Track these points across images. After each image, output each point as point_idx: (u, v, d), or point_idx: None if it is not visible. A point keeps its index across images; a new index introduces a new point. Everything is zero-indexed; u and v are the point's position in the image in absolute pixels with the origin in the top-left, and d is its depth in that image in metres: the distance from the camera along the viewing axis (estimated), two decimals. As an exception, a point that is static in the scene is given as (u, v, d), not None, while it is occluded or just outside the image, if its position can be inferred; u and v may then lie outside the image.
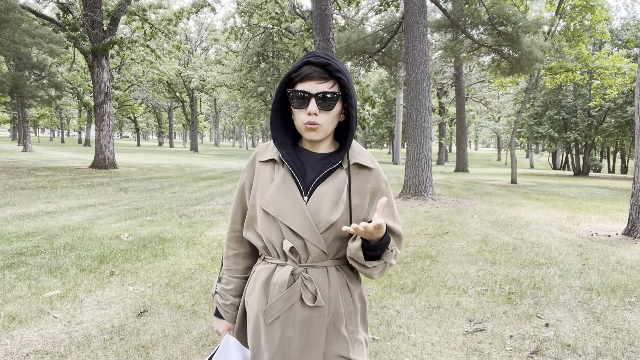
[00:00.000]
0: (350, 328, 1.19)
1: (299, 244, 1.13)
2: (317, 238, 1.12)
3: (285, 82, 1.15)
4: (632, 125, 20.92)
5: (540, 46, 11.71)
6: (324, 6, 9.49)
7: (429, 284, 3.86)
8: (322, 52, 1.14)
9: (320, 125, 1.12)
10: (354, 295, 1.21)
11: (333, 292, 1.16)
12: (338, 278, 1.18)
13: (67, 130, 79.92)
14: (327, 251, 1.15)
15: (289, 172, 1.17)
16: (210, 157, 32.65)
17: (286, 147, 1.19)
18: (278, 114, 1.19)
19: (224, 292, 1.31)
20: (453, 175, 20.27)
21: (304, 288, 1.14)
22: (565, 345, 2.71)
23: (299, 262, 1.15)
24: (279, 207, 1.13)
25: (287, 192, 1.14)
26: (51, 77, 17.41)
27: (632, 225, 6.01)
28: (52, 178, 11.90)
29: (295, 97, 1.12)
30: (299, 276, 1.14)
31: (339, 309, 1.17)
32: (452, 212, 7.99)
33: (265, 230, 1.16)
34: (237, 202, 1.29)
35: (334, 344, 1.16)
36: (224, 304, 1.30)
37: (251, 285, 1.23)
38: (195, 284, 3.72)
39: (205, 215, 7.08)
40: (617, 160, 45.95)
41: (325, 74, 1.11)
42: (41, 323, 2.89)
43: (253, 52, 30.20)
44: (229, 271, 1.31)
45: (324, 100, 1.10)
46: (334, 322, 1.16)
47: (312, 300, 1.13)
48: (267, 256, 1.21)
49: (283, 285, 1.13)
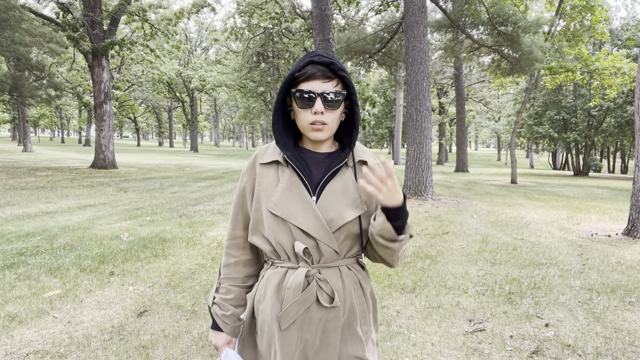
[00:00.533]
0: (364, 328, 1.19)
1: (311, 245, 1.12)
2: (330, 237, 1.11)
3: (288, 82, 1.14)
4: (632, 125, 20.92)
5: (540, 46, 11.71)
6: (324, 6, 9.49)
7: (429, 284, 3.86)
8: (323, 52, 1.14)
9: (326, 125, 1.12)
10: (366, 293, 1.21)
11: (347, 292, 1.15)
12: (351, 277, 1.17)
13: (67, 130, 79.94)
14: (339, 250, 1.14)
15: (295, 173, 1.15)
16: (210, 157, 32.65)
17: (289, 148, 1.18)
18: (279, 115, 1.18)
19: (224, 302, 1.24)
20: (453, 175, 20.27)
21: (320, 289, 1.12)
22: (565, 345, 2.71)
23: (311, 263, 1.14)
24: (288, 208, 1.11)
25: (295, 193, 1.13)
26: (51, 77, 17.41)
27: (632, 225, 6.01)
28: (52, 178, 11.90)
29: (300, 96, 1.11)
30: (314, 278, 1.12)
31: (354, 308, 1.16)
32: (452, 212, 7.99)
33: (274, 233, 1.14)
34: (237, 207, 1.25)
35: (349, 344, 1.15)
36: (224, 315, 1.23)
37: (261, 292, 1.20)
38: (195, 284, 3.72)
39: (205, 215, 7.08)
40: (617, 160, 45.95)
41: (329, 72, 1.10)
42: (41, 323, 2.89)
43: (253, 52, 30.21)
44: (228, 280, 1.26)
45: (330, 99, 1.10)
46: (349, 322, 1.16)
47: (329, 301, 1.12)
48: (276, 260, 1.18)
49: (298, 288, 1.11)
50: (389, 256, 1.14)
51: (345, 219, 1.11)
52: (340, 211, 1.12)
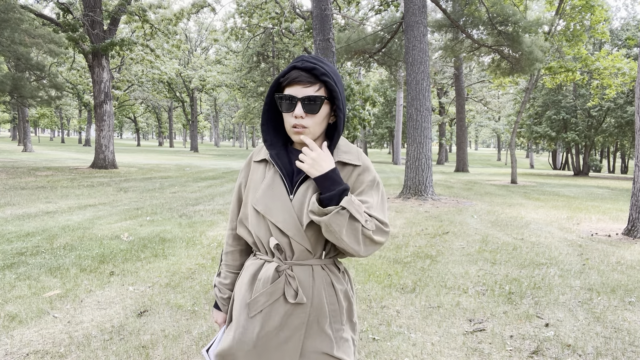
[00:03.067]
0: (335, 326, 1.22)
1: (285, 242, 1.18)
2: (302, 236, 1.16)
3: (275, 86, 1.18)
4: (632, 125, 20.91)
5: (540, 46, 11.71)
6: (324, 6, 9.49)
7: (429, 284, 3.86)
8: (310, 56, 1.17)
9: (306, 128, 1.15)
10: (338, 294, 1.23)
11: (317, 290, 1.19)
12: (323, 277, 1.21)
13: (67, 130, 79.94)
14: (312, 250, 1.19)
15: (277, 172, 1.21)
16: (210, 157, 32.65)
17: (276, 147, 1.24)
18: (269, 116, 1.24)
19: (222, 286, 1.37)
20: (453, 175, 20.27)
21: (287, 285, 1.18)
22: (565, 345, 2.71)
23: (284, 259, 1.20)
24: (267, 205, 1.18)
25: (275, 191, 1.19)
26: (52, 78, 17.41)
27: (632, 225, 6.01)
28: (52, 178, 11.90)
29: (282, 101, 1.16)
30: (283, 273, 1.18)
31: (323, 307, 1.19)
32: (452, 212, 7.99)
33: (255, 227, 1.22)
34: (235, 201, 1.35)
35: (317, 340, 1.19)
36: (222, 297, 1.37)
37: (240, 279, 1.29)
38: (195, 284, 3.72)
39: (205, 215, 7.08)
40: (617, 160, 45.95)
41: (311, 77, 1.13)
42: (41, 323, 2.89)
43: (253, 52, 30.21)
44: (226, 266, 1.38)
45: (309, 104, 1.13)
46: (317, 319, 1.19)
47: (293, 297, 1.17)
48: (257, 252, 1.26)
49: (267, 280, 1.18)
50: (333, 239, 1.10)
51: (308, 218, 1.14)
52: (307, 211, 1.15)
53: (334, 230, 1.08)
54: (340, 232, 1.08)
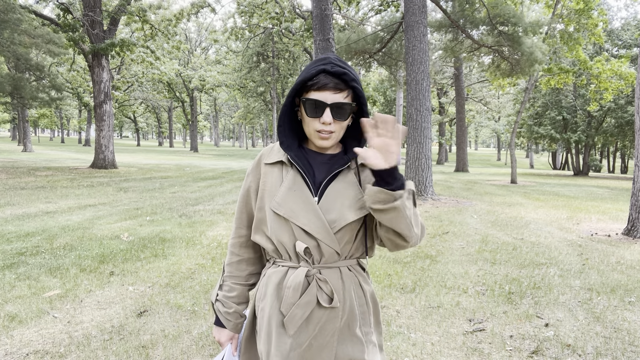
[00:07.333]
0: (364, 329, 1.18)
1: (313, 245, 1.12)
2: (331, 238, 1.11)
3: (298, 88, 1.13)
4: (632, 126, 20.92)
5: (540, 47, 11.71)
6: (324, 6, 9.48)
7: (429, 283, 3.86)
8: (336, 59, 1.12)
9: (333, 133, 1.12)
10: (367, 295, 1.20)
11: (347, 293, 1.15)
12: (351, 278, 1.17)
13: (67, 130, 79.95)
14: (341, 251, 1.14)
15: (298, 174, 1.16)
16: (210, 157, 32.65)
17: (292, 149, 1.18)
18: (286, 117, 1.19)
19: (227, 299, 1.27)
20: (453, 175, 20.27)
21: (319, 289, 1.12)
22: (565, 345, 2.71)
23: (312, 263, 1.14)
24: (291, 208, 1.12)
25: (297, 193, 1.13)
26: (52, 79, 17.40)
27: (632, 225, 6.01)
28: (52, 178, 11.90)
29: (309, 105, 1.10)
30: (314, 278, 1.12)
31: (354, 309, 1.15)
32: (452, 212, 7.99)
33: (276, 232, 1.15)
34: (241, 207, 1.27)
35: (349, 346, 1.15)
36: (227, 312, 1.26)
37: (262, 290, 1.20)
38: (195, 284, 3.72)
39: (205, 215, 7.08)
40: (617, 160, 45.95)
41: (341, 84, 1.09)
42: (41, 323, 2.89)
43: (253, 52, 30.23)
44: (232, 278, 1.28)
45: (339, 110, 1.10)
46: (348, 323, 1.15)
47: (328, 301, 1.12)
48: (278, 259, 1.19)
49: (297, 287, 1.11)
50: (398, 223, 1.05)
51: (347, 220, 1.11)
52: (343, 212, 1.12)
53: (405, 214, 1.03)
54: (410, 215, 1.05)
